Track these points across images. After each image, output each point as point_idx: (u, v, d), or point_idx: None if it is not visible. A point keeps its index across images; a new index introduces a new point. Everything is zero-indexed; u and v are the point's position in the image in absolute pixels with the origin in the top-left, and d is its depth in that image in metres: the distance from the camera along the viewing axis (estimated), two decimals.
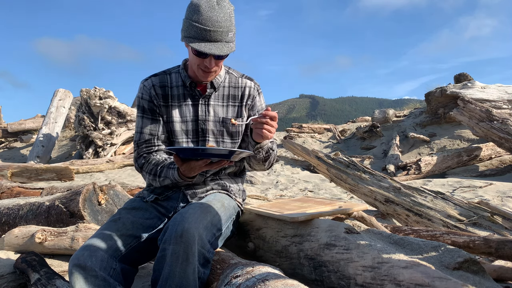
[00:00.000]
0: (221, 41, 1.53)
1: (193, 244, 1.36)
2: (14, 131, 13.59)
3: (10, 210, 2.74)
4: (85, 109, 10.02)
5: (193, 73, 1.71)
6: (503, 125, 5.88)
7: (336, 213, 1.77)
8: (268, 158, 1.71)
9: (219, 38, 1.52)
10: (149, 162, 1.70)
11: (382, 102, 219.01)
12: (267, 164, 1.75)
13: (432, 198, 2.63)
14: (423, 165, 6.75)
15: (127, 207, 1.68)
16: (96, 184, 2.57)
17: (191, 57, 1.64)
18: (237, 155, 1.40)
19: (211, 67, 1.60)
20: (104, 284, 1.37)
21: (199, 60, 1.59)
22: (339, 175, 3.31)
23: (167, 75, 1.77)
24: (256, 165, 1.78)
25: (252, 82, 1.82)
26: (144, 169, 1.71)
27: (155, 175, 1.67)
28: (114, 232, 1.50)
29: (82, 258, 1.37)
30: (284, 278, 1.16)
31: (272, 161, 1.76)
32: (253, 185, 6.23)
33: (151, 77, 1.77)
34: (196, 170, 1.50)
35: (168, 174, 1.62)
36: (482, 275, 1.21)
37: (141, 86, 1.76)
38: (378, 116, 10.11)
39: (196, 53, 1.57)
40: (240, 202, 1.87)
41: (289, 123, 12.39)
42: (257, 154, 1.67)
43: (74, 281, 1.34)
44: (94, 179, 7.40)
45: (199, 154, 1.40)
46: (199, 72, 1.63)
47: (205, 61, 1.58)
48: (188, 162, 1.47)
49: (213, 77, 1.69)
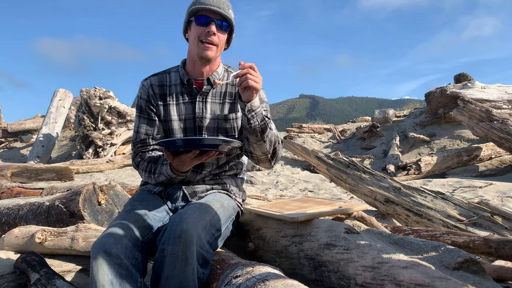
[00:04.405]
0: (223, 9, 1.62)
1: (192, 245, 1.36)
2: (14, 131, 13.60)
3: (10, 210, 2.74)
4: (85, 109, 10.02)
5: (191, 67, 1.72)
6: (503, 125, 5.88)
7: (336, 213, 1.77)
8: (266, 129, 1.54)
9: (221, 6, 1.62)
10: (144, 160, 1.72)
11: (382, 102, 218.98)
12: (268, 143, 1.58)
13: (432, 198, 2.63)
14: (423, 165, 6.75)
15: (137, 199, 1.68)
16: (96, 184, 2.57)
17: (192, 37, 1.66)
18: (224, 145, 1.40)
19: (213, 33, 1.61)
20: (127, 274, 1.36)
21: (201, 30, 1.62)
22: (339, 175, 3.31)
23: (166, 74, 1.79)
24: (258, 145, 1.58)
25: None
26: (140, 167, 1.72)
27: (150, 172, 1.68)
28: (132, 223, 1.49)
29: (107, 244, 1.36)
30: (284, 278, 1.16)
31: (273, 141, 1.60)
32: (253, 185, 6.23)
33: (150, 76, 1.79)
34: (188, 164, 1.49)
35: (162, 170, 1.62)
36: (482, 275, 1.21)
37: (141, 86, 1.78)
38: (378, 116, 10.11)
39: (198, 20, 1.61)
40: (240, 202, 1.87)
41: (289, 123, 12.39)
42: (251, 121, 1.50)
43: (98, 266, 1.32)
44: (94, 179, 7.40)
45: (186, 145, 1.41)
46: (200, 46, 1.64)
47: (207, 28, 1.61)
48: (179, 156, 1.47)
49: (213, 54, 1.65)
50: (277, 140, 1.64)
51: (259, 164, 1.72)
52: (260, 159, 1.67)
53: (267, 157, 1.64)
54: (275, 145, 1.63)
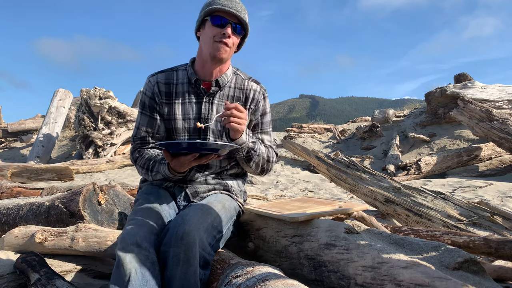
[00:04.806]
0: (240, 12, 1.61)
1: (194, 247, 1.36)
2: (14, 131, 13.59)
3: (10, 210, 2.74)
4: (85, 109, 10.01)
5: (200, 67, 1.71)
6: (503, 125, 5.88)
7: (336, 213, 1.77)
8: (251, 159, 1.69)
9: (238, 9, 1.61)
10: (142, 157, 1.71)
11: (382, 102, 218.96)
12: (254, 167, 1.74)
13: (432, 198, 2.63)
14: (423, 165, 6.75)
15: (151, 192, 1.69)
16: (96, 184, 2.57)
17: (206, 36, 1.64)
18: (224, 149, 1.41)
19: (228, 35, 1.60)
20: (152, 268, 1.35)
21: (216, 31, 1.61)
22: (339, 175, 3.31)
23: (173, 72, 1.77)
24: (246, 167, 1.78)
25: (259, 86, 1.80)
26: (138, 163, 1.72)
27: (148, 170, 1.67)
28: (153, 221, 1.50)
29: (138, 236, 1.37)
30: (284, 278, 1.16)
31: (260, 164, 1.74)
32: (253, 185, 6.23)
33: (158, 73, 1.77)
34: (186, 165, 1.49)
35: (160, 169, 1.61)
36: (482, 275, 1.21)
37: (146, 82, 1.76)
38: (378, 116, 10.11)
39: (214, 21, 1.60)
40: (241, 203, 1.87)
41: (289, 123, 12.39)
42: (236, 154, 1.67)
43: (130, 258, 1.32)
44: (94, 179, 7.40)
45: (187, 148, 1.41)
46: (214, 46, 1.62)
47: (222, 30, 1.60)
48: (178, 157, 1.46)
49: (226, 55, 1.65)
50: (266, 160, 1.76)
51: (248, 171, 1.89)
52: (249, 172, 1.85)
53: (255, 173, 1.80)
54: (263, 166, 1.77)
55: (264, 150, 1.74)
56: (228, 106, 1.45)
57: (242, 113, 1.48)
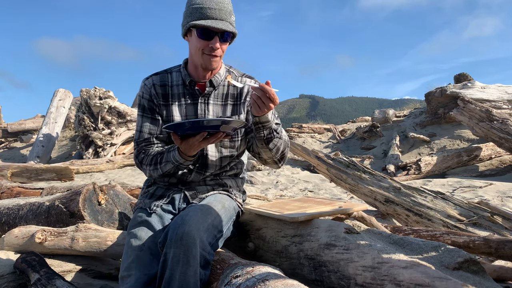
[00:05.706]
0: (225, 20, 1.56)
1: (194, 247, 1.36)
2: (14, 131, 13.59)
3: (10, 210, 2.74)
4: (85, 109, 10.01)
5: (193, 70, 1.71)
6: (503, 125, 5.88)
7: (336, 213, 1.77)
8: (271, 140, 1.58)
9: (223, 17, 1.56)
10: (148, 155, 1.70)
11: (382, 102, 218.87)
12: (275, 151, 1.62)
13: (432, 198, 2.63)
14: (423, 165, 6.75)
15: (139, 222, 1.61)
16: (96, 184, 2.57)
17: (194, 45, 1.62)
18: (230, 125, 1.42)
19: (216, 48, 1.58)
20: None
21: (203, 44, 1.58)
22: (339, 175, 3.31)
23: (168, 74, 1.77)
24: (264, 151, 1.64)
25: (253, 80, 1.80)
26: (144, 163, 1.70)
27: (156, 163, 1.65)
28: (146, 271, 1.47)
29: None
30: (284, 278, 1.16)
31: (281, 149, 1.64)
32: (253, 185, 6.23)
33: (152, 75, 1.77)
34: (195, 147, 1.49)
35: (169, 157, 1.60)
36: (482, 275, 1.21)
37: (142, 85, 1.76)
38: (378, 116, 10.11)
39: (201, 34, 1.56)
40: (241, 203, 1.87)
41: (289, 123, 12.37)
42: (256, 132, 1.56)
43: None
44: (94, 179, 7.39)
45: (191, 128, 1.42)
46: (204, 58, 1.61)
47: (210, 42, 1.57)
48: (187, 139, 1.47)
49: (218, 64, 1.65)
50: (286, 145, 1.68)
51: (266, 165, 1.76)
52: (267, 161, 1.72)
53: (274, 160, 1.69)
54: (283, 152, 1.68)
55: (286, 135, 1.68)
56: (264, 87, 1.40)
57: (273, 97, 1.42)
